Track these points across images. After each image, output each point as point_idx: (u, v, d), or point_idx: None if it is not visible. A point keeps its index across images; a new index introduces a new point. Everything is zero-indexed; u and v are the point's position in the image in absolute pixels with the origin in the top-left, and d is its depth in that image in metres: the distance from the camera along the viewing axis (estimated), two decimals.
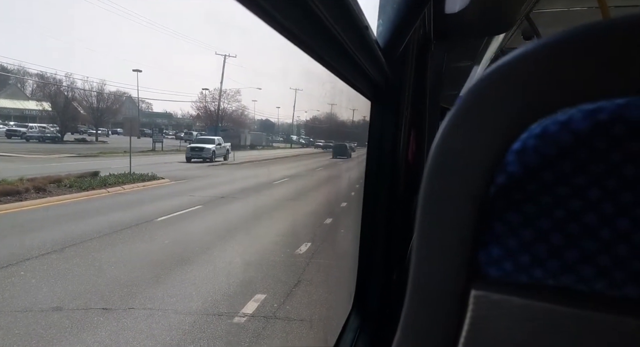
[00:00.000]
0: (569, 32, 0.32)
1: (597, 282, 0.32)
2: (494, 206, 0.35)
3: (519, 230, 0.35)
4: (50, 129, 8.67)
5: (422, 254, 0.38)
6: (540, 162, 0.33)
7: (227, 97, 13.88)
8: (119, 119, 10.12)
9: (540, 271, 0.34)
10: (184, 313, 3.86)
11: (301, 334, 3.76)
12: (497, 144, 0.33)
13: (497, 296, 0.36)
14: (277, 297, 4.29)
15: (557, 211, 0.33)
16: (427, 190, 0.37)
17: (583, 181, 0.32)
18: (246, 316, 3.85)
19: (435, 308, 0.38)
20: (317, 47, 0.72)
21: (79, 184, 7.30)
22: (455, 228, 0.36)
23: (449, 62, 2.47)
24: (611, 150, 0.31)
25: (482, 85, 0.34)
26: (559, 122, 0.32)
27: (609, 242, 0.32)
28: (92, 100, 9.20)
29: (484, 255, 0.36)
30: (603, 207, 0.32)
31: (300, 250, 5.84)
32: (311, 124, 17.03)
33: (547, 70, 0.32)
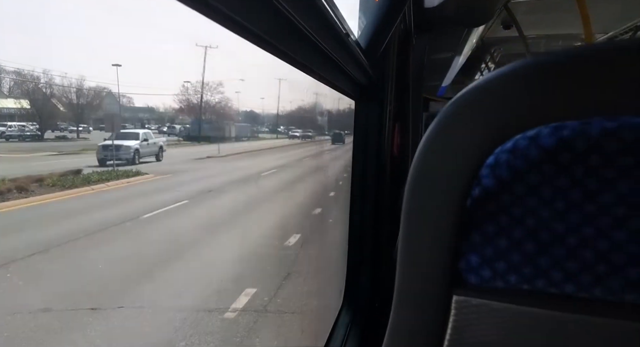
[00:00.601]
0: (541, 57, 0.34)
1: (567, 285, 0.35)
2: (471, 217, 0.37)
3: (495, 239, 0.37)
4: (30, 127, 8.47)
5: (406, 262, 0.40)
6: (511, 175, 0.35)
7: (209, 89, 13.65)
8: (100, 115, 9.91)
9: (516, 276, 0.37)
10: (174, 310, 3.86)
11: (292, 326, 3.80)
12: (473, 159, 0.35)
13: (477, 301, 0.38)
14: (268, 290, 4.31)
15: (529, 220, 0.35)
16: (408, 204, 0.38)
17: (550, 193, 0.34)
18: (237, 310, 3.87)
19: (420, 313, 0.41)
20: (299, 57, 0.72)
21: (62, 183, 7.18)
22: (436, 239, 0.38)
23: (431, 54, 2.48)
24: (574, 164, 0.33)
25: (458, 104, 0.36)
26: (528, 138, 0.34)
27: (576, 249, 0.34)
28: (72, 96, 8.99)
29: (463, 263, 0.38)
30: (569, 216, 0.34)
31: (290, 242, 5.86)
32: (297, 114, 16.92)
33: (520, 91, 0.33)
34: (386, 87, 1.41)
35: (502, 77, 0.35)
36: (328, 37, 0.78)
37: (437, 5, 1.70)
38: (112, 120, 9.12)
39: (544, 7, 2.49)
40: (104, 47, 13.70)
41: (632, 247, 0.32)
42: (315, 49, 0.77)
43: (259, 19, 0.55)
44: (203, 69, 12.88)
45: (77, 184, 7.33)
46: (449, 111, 0.36)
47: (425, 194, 0.38)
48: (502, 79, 0.35)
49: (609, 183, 0.32)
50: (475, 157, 0.35)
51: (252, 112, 16.07)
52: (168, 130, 13.63)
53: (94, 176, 7.88)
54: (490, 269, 0.38)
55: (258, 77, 16.95)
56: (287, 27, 0.63)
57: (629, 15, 2.92)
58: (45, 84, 8.11)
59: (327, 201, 8.55)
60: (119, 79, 12.08)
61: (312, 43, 0.73)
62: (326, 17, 0.73)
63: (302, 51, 0.74)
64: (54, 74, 8.36)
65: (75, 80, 8.66)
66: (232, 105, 14.29)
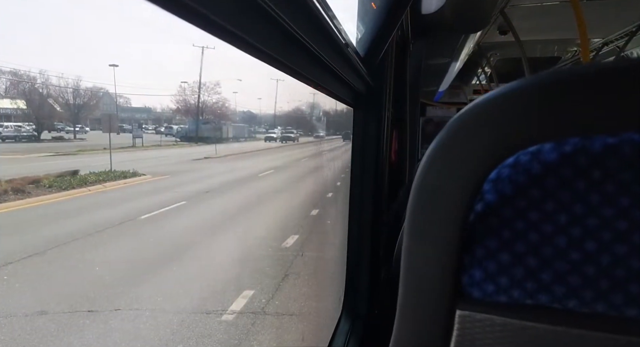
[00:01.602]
0: (543, 76, 0.34)
1: (570, 300, 0.35)
2: (474, 232, 0.38)
3: (498, 254, 0.37)
4: (26, 128, 8.43)
5: (409, 276, 0.40)
6: (513, 190, 0.35)
7: (206, 89, 13.60)
8: (97, 115, 9.86)
9: (519, 291, 0.37)
10: (171, 312, 3.85)
11: (290, 328, 3.80)
12: (476, 174, 0.35)
13: (480, 316, 0.39)
14: (265, 292, 4.31)
15: (531, 235, 0.36)
16: (411, 218, 0.39)
17: (552, 208, 0.35)
18: (235, 313, 3.87)
19: (423, 327, 0.41)
20: (299, 67, 0.73)
21: (59, 184, 7.15)
22: (440, 253, 0.38)
23: (428, 60, 2.49)
24: (576, 179, 0.33)
25: (461, 121, 0.36)
26: (529, 153, 0.34)
27: (578, 264, 0.34)
28: (69, 96, 8.95)
29: (466, 278, 0.39)
30: (571, 231, 0.34)
31: (287, 243, 5.85)
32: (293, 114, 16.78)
33: (522, 109, 0.34)
34: (384, 93, 1.41)
35: (504, 95, 0.35)
36: (328, 48, 0.78)
37: (434, 11, 1.71)
38: (109, 121, 9.09)
39: (540, 13, 2.50)
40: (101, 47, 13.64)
41: (633, 262, 0.32)
42: (315, 59, 0.77)
43: (259, 32, 0.56)
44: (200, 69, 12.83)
45: (74, 185, 7.29)
46: (452, 127, 0.37)
47: (428, 208, 0.38)
48: (504, 97, 0.35)
49: (610, 198, 0.33)
50: (477, 172, 0.35)
51: (249, 112, 15.95)
52: (165, 130, 13.56)
53: (91, 177, 7.84)
54: (494, 284, 0.38)
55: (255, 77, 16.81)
56: (287, 40, 0.64)
57: (624, 21, 2.93)
58: (42, 85, 8.07)
59: (325, 202, 8.53)
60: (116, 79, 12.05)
61: (312, 54, 0.74)
62: (326, 29, 0.74)
63: (302, 62, 0.74)
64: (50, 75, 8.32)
65: (72, 80, 8.63)
66: (229, 106, 14.23)
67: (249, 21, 0.53)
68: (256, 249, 5.67)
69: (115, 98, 10.69)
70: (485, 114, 0.35)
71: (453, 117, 0.37)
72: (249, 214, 7.71)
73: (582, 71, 0.33)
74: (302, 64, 0.74)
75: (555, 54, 4.21)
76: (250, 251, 5.65)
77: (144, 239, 5.83)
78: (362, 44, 1.20)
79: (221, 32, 0.50)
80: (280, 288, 4.42)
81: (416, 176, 0.38)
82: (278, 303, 4.10)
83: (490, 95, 0.35)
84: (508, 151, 0.35)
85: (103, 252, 5.22)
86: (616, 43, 3.49)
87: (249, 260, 5.33)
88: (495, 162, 0.35)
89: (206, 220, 7.00)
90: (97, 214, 6.64)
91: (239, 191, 9.47)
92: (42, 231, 5.72)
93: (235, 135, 15.80)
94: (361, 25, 1.23)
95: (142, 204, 7.33)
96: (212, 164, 11.94)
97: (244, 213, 7.66)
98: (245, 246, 5.86)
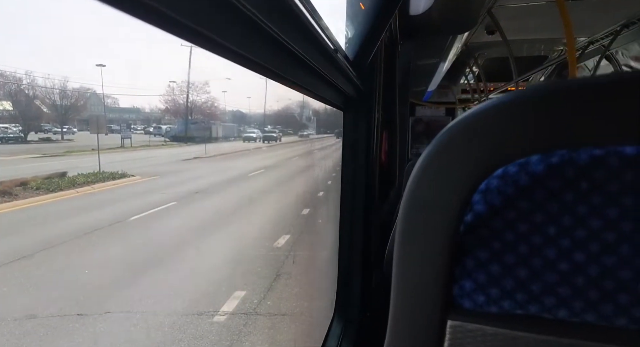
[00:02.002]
0: (532, 90, 0.35)
1: (560, 310, 0.36)
2: (464, 243, 0.38)
3: (488, 265, 0.38)
4: (12, 129, 8.31)
5: (400, 287, 0.41)
6: (502, 201, 0.36)
7: (195, 89, 13.50)
8: (85, 116, 9.75)
9: (509, 302, 0.37)
10: (162, 314, 3.83)
11: (283, 328, 3.79)
12: (465, 185, 0.36)
13: (471, 326, 0.39)
14: (257, 292, 4.30)
15: (520, 246, 0.36)
16: (402, 229, 0.39)
17: (541, 218, 0.35)
18: (226, 314, 3.85)
19: (415, 338, 0.41)
20: (290, 76, 0.73)
21: (47, 186, 7.06)
22: (430, 264, 0.39)
23: (416, 60, 2.50)
24: (564, 190, 0.34)
25: (451, 133, 0.37)
26: (517, 164, 0.35)
27: (567, 274, 0.35)
28: (55, 97, 8.84)
29: (457, 288, 0.39)
30: (560, 242, 0.35)
31: (279, 243, 5.85)
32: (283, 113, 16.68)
33: (511, 121, 0.34)
34: (374, 96, 1.42)
35: (493, 108, 0.35)
36: (318, 55, 0.79)
37: (422, 13, 1.71)
38: (97, 122, 8.98)
39: (527, 13, 2.53)
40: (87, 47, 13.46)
41: (622, 272, 0.33)
42: (306, 67, 0.77)
43: (246, 42, 0.56)
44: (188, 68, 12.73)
45: (62, 187, 7.20)
46: (442, 139, 0.37)
47: (418, 219, 0.38)
48: (494, 110, 0.35)
49: (597, 209, 0.33)
50: (467, 183, 0.36)
51: (238, 111, 15.82)
52: (154, 131, 13.43)
53: (80, 178, 7.76)
54: (484, 295, 0.38)
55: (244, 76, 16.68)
56: (277, 49, 0.64)
57: (609, 20, 2.97)
58: (28, 86, 7.96)
59: (316, 201, 8.53)
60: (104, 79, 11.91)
61: (302, 62, 0.74)
62: (315, 37, 0.74)
63: (292, 70, 0.74)
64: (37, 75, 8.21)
65: (59, 81, 8.52)
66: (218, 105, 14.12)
67: (236, 31, 0.53)
68: (247, 250, 5.66)
69: (103, 98, 10.56)
70: (474, 127, 0.35)
71: (443, 130, 0.38)
72: (240, 214, 7.68)
73: (568, 85, 0.34)
74: (292, 72, 0.74)
75: (542, 53, 4.25)
76: (241, 251, 5.64)
77: (134, 240, 5.78)
78: (351, 47, 1.20)
79: (207, 42, 0.49)
80: (272, 288, 4.42)
81: (406, 187, 0.38)
82: (270, 304, 4.10)
83: (479, 108, 0.36)
84: (497, 163, 0.35)
85: (93, 254, 5.17)
86: (601, 42, 3.54)
87: (240, 260, 5.31)
88: (484, 174, 0.35)
89: (197, 221, 6.96)
90: (86, 216, 6.57)
91: (230, 191, 9.44)
92: (30, 233, 5.65)
93: (225, 135, 15.70)
94: (350, 28, 1.23)
95: (131, 206, 7.26)
96: (201, 164, 11.86)
97: (235, 213, 7.64)
98: (237, 246, 5.84)
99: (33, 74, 8.14)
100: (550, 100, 0.33)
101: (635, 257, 0.33)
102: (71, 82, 8.81)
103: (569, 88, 0.34)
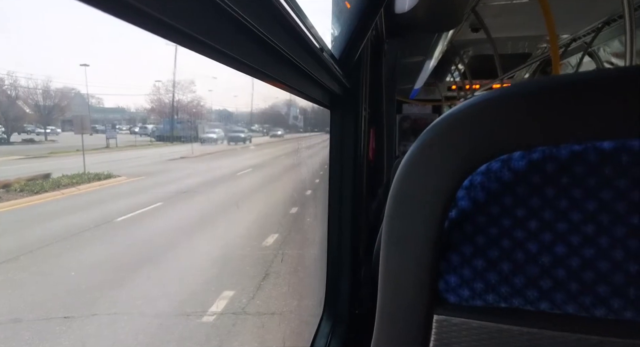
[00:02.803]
0: (514, 87, 0.36)
1: (542, 303, 0.37)
2: (449, 239, 0.39)
3: (472, 259, 0.39)
4: None
5: (387, 283, 0.41)
6: (486, 197, 0.37)
7: (181, 88, 13.34)
8: (69, 116, 9.58)
9: (493, 295, 0.38)
10: (150, 316, 3.80)
11: (272, 327, 3.79)
12: (450, 182, 0.36)
13: (457, 320, 0.40)
14: (246, 292, 4.29)
15: (504, 241, 0.37)
16: (389, 227, 0.40)
17: (523, 213, 0.36)
18: (215, 314, 3.84)
19: (402, 333, 0.42)
20: (276, 75, 0.73)
21: (30, 188, 6.92)
22: (416, 260, 0.39)
23: (402, 58, 2.51)
24: (545, 185, 0.34)
25: (436, 130, 0.37)
26: (500, 160, 0.36)
27: (549, 267, 0.36)
28: (38, 98, 8.67)
29: (442, 283, 0.40)
30: (542, 236, 0.36)
31: (267, 242, 5.84)
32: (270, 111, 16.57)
33: (494, 118, 0.35)
34: (360, 94, 1.42)
35: (477, 105, 0.36)
36: (304, 54, 0.79)
37: (407, 11, 1.72)
38: (81, 122, 8.82)
39: (511, 10, 2.56)
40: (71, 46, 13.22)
41: (601, 264, 0.34)
42: (292, 66, 0.77)
43: (232, 42, 0.55)
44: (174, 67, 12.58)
45: (46, 188, 7.07)
46: (427, 137, 0.37)
47: (404, 215, 0.39)
48: (477, 107, 0.36)
49: (578, 203, 0.34)
50: (452, 180, 0.36)
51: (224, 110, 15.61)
52: (140, 130, 13.24)
53: (64, 180, 7.62)
54: (469, 289, 0.39)
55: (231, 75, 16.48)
56: (263, 48, 0.64)
57: (590, 18, 3.02)
58: (10, 86, 7.80)
59: (304, 200, 8.52)
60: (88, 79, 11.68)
61: (288, 62, 0.74)
62: (301, 36, 0.74)
63: (279, 70, 0.74)
64: (19, 76, 8.04)
65: (42, 81, 8.36)
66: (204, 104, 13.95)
67: (222, 30, 0.52)
68: (236, 249, 5.64)
69: (87, 98, 10.40)
70: (458, 124, 0.36)
71: (427, 127, 0.38)
72: (228, 214, 7.64)
73: (548, 83, 0.34)
74: (278, 71, 0.74)
75: (526, 50, 4.30)
76: (229, 250, 5.61)
77: (121, 241, 5.72)
78: (338, 45, 1.20)
79: (193, 43, 0.49)
80: (261, 288, 4.41)
81: (392, 185, 0.39)
82: (259, 303, 4.09)
83: (462, 105, 0.36)
84: (480, 159, 0.36)
85: (79, 256, 5.11)
86: (583, 39, 3.59)
87: (229, 260, 5.29)
88: (468, 170, 0.36)
89: (184, 221, 6.90)
90: (72, 218, 6.47)
91: (217, 190, 9.37)
92: (14, 236, 5.55)
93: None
94: (336, 27, 1.23)
95: (118, 206, 7.17)
96: (188, 163, 11.74)
97: (222, 213, 7.59)
98: (225, 246, 5.81)
99: (15, 74, 7.98)
100: (531, 98, 0.34)
101: (613, 249, 0.34)
102: (54, 82, 8.65)
103: (549, 86, 0.34)
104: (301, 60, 0.77)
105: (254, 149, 16.24)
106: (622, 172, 0.32)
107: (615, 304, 0.34)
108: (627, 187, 0.32)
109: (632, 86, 0.30)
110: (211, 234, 6.40)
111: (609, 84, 0.32)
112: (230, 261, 5.25)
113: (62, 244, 5.42)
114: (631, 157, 0.31)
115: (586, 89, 0.33)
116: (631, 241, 0.33)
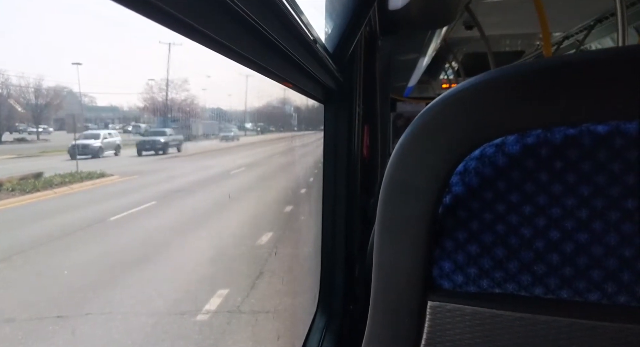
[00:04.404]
0: (506, 70, 0.36)
1: (536, 288, 0.37)
2: (443, 225, 0.39)
3: (466, 245, 0.38)
4: None
5: (381, 270, 0.41)
6: (480, 182, 0.37)
7: (175, 87, 13.27)
8: (61, 115, 9.51)
9: (487, 281, 0.38)
10: (144, 315, 3.78)
11: (266, 325, 3.79)
12: (444, 167, 0.36)
13: (451, 306, 0.40)
14: (241, 290, 4.28)
15: (498, 226, 0.37)
16: (382, 212, 0.40)
17: (517, 198, 0.36)
18: (210, 312, 3.83)
19: (396, 319, 0.42)
20: (269, 65, 0.72)
21: (22, 187, 6.86)
22: (410, 246, 0.39)
23: (396, 56, 2.51)
24: (539, 170, 0.34)
25: (428, 116, 0.37)
26: (494, 145, 0.35)
27: (543, 252, 0.36)
28: (30, 96, 8.60)
29: (437, 270, 0.40)
30: (536, 221, 0.36)
31: (262, 240, 5.83)
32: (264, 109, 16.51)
33: (486, 102, 0.35)
34: (354, 89, 1.42)
35: (469, 89, 0.36)
36: (297, 44, 0.78)
37: (401, 7, 1.72)
38: (74, 121, 8.75)
39: (504, 8, 2.57)
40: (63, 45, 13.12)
41: (595, 249, 0.34)
42: (284, 56, 0.77)
43: (226, 29, 0.55)
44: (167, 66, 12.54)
45: (38, 187, 7.01)
46: (420, 122, 0.37)
47: (398, 202, 0.39)
48: (469, 91, 0.36)
49: (572, 188, 0.34)
50: (445, 165, 0.36)
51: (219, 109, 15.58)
52: (133, 129, 13.18)
53: (57, 179, 7.55)
54: (463, 275, 0.39)
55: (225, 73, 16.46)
56: (256, 37, 0.64)
57: (582, 16, 3.04)
58: (1, 85, 7.73)
59: (298, 198, 8.51)
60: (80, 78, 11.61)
61: (281, 51, 0.74)
62: (294, 26, 0.74)
63: (271, 60, 0.74)
64: (10, 74, 7.97)
65: (34, 79, 8.30)
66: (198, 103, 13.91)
67: (216, 18, 0.52)
68: (230, 248, 5.62)
69: (80, 97, 10.33)
70: (450, 109, 0.36)
71: (420, 112, 0.38)
72: (221, 213, 7.61)
73: (541, 65, 0.34)
74: (271, 61, 0.73)
75: (519, 48, 4.33)
76: (224, 249, 5.60)
77: (115, 241, 5.68)
78: (331, 40, 1.20)
79: (186, 29, 0.49)
80: (255, 286, 4.40)
81: (386, 171, 0.39)
82: (254, 301, 4.09)
83: (454, 90, 0.36)
84: (474, 143, 0.35)
85: (72, 255, 5.07)
86: (576, 37, 3.62)
87: (223, 259, 5.28)
88: (462, 155, 0.36)
89: (178, 220, 6.87)
90: (65, 217, 6.42)
91: (210, 189, 9.33)
92: (6, 235, 5.50)
93: (205, 133, 15.48)
94: (330, 21, 1.23)
95: (110, 206, 7.12)
96: (181, 162, 11.69)
97: (216, 212, 7.56)
98: (219, 244, 5.79)
99: (6, 73, 7.92)
100: (524, 80, 0.34)
101: (607, 233, 0.34)
102: (46, 80, 8.59)
103: (541, 68, 0.34)
104: (294, 51, 0.76)
105: (249, 147, 16.17)
106: (617, 156, 0.32)
107: (609, 289, 0.34)
108: (622, 171, 0.32)
109: (625, 68, 0.30)
110: (204, 233, 6.35)
111: (601, 65, 0.32)
112: (224, 260, 5.27)
113: (55, 243, 5.37)
114: (625, 140, 0.31)
115: (579, 71, 0.33)
116: (625, 225, 0.33)
